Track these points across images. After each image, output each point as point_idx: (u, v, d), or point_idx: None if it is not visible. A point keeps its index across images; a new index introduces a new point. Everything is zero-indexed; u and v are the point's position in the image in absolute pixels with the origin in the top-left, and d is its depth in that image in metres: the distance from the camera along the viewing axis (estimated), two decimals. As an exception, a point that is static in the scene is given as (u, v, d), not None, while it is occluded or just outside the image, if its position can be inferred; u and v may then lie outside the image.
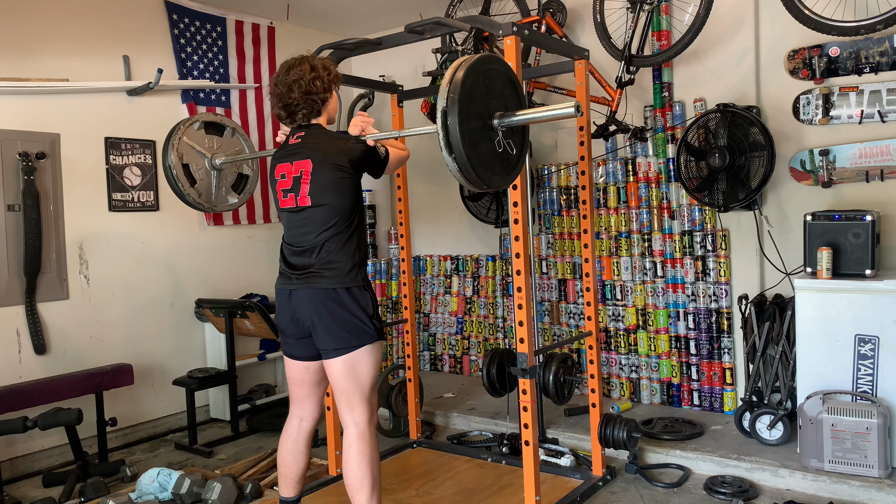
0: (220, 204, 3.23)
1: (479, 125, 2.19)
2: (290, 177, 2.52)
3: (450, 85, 2.10)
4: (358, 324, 2.46)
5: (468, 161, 2.10)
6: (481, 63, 2.21)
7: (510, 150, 2.32)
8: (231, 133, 3.28)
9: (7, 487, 3.63)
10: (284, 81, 2.53)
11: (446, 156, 2.10)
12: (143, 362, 4.41)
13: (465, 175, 2.14)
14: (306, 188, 2.47)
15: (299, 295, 2.49)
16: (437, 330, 5.43)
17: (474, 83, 2.16)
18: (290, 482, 2.72)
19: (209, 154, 3.17)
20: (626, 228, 4.36)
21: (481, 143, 2.19)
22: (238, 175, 3.31)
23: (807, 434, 3.23)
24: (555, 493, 3.17)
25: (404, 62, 5.31)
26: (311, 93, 2.52)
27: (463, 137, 2.08)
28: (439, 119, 2.08)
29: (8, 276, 3.85)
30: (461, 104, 2.08)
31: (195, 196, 3.10)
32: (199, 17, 4.79)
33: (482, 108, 2.21)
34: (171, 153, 3.04)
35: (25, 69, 3.94)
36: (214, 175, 3.18)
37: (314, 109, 2.56)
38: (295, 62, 2.55)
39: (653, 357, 4.29)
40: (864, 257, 3.29)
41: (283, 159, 2.56)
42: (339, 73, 2.65)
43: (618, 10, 4.09)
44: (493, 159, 2.25)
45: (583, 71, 3.31)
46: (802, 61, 3.79)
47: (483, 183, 2.19)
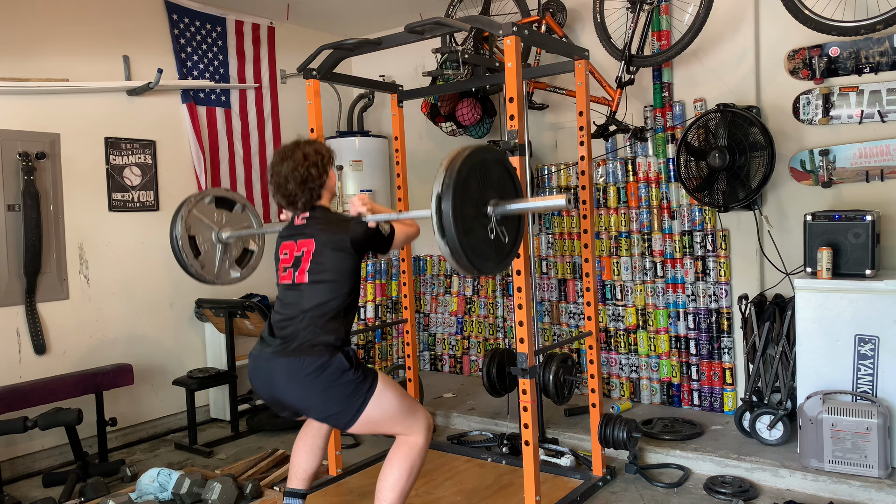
0: (223, 277, 3.24)
1: (473, 212, 2.23)
2: (291, 254, 2.55)
3: (446, 171, 2.15)
4: (348, 388, 2.37)
5: (460, 246, 2.14)
6: (478, 153, 2.26)
7: (503, 238, 2.36)
8: (241, 209, 3.31)
9: (7, 487, 3.63)
10: (280, 172, 2.54)
11: (439, 239, 2.14)
12: (143, 362, 4.41)
13: (457, 259, 2.17)
14: (306, 266, 2.49)
15: (277, 365, 2.39)
16: (437, 330, 5.43)
17: (470, 172, 2.21)
18: (301, 476, 2.73)
19: (216, 227, 3.20)
20: (626, 228, 4.36)
21: (475, 230, 2.24)
22: (243, 250, 3.33)
23: (807, 434, 3.23)
24: (555, 493, 3.17)
25: (404, 62, 5.31)
26: (308, 181, 2.53)
27: (456, 223, 2.12)
28: (434, 203, 2.13)
29: (8, 276, 3.85)
30: (456, 190, 2.13)
31: (198, 268, 3.11)
32: (199, 17, 4.79)
33: (477, 195, 2.26)
34: (178, 224, 3.06)
35: (25, 69, 3.94)
36: (220, 249, 3.20)
37: (313, 195, 2.57)
38: (287, 152, 2.55)
39: (653, 357, 4.29)
40: (864, 257, 3.29)
41: (288, 238, 2.60)
42: (332, 151, 2.66)
43: (618, 10, 4.09)
44: (485, 246, 2.29)
45: (583, 71, 3.31)
46: (802, 61, 3.79)
47: (474, 268, 2.22)
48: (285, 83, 5.34)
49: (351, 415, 2.39)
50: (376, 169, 5.32)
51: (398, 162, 3.95)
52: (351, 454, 3.87)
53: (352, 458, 3.75)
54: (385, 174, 5.38)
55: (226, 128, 4.94)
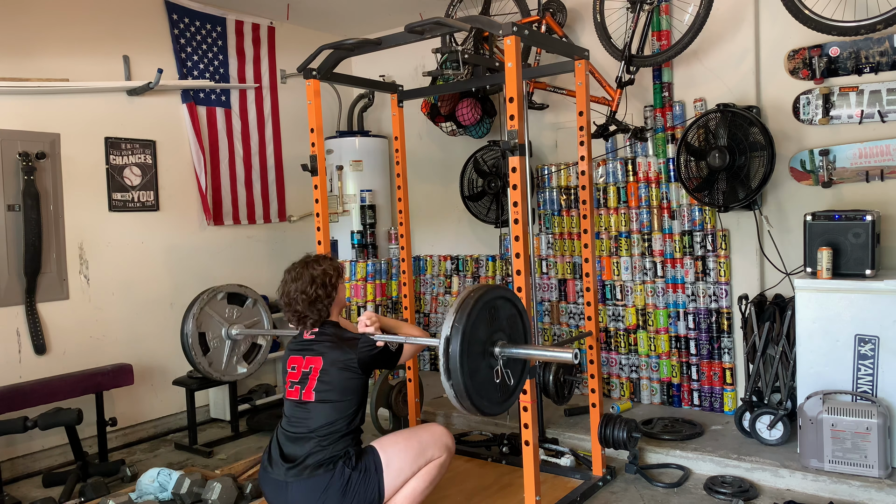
0: (229, 374, 3.30)
1: (479, 352, 2.25)
2: (299, 370, 2.58)
3: (457, 313, 2.18)
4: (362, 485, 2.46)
5: (465, 389, 2.17)
6: (491, 292, 2.29)
7: (508, 381, 2.37)
8: (252, 304, 3.34)
9: (7, 487, 3.63)
10: (289, 293, 2.61)
11: (444, 381, 2.17)
12: (143, 362, 4.41)
13: (461, 402, 2.21)
14: (313, 384, 2.53)
15: (292, 493, 2.46)
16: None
17: (481, 312, 2.23)
18: None
19: (227, 324, 3.22)
20: (626, 228, 4.36)
21: (480, 371, 2.26)
22: (252, 345, 3.36)
23: (807, 434, 3.23)
24: (555, 493, 3.17)
25: (404, 62, 5.31)
26: (316, 301, 2.60)
27: (462, 366, 2.15)
28: (442, 345, 2.15)
29: (8, 276, 3.85)
30: (465, 334, 2.15)
31: (205, 365, 3.17)
32: (199, 17, 4.79)
33: (486, 336, 2.28)
34: (189, 321, 3.09)
35: (25, 69, 3.94)
36: (228, 344, 3.23)
37: (322, 314, 2.63)
38: (296, 273, 2.63)
39: (653, 357, 4.29)
40: (864, 257, 3.29)
41: (297, 353, 2.63)
42: (341, 268, 2.73)
43: (618, 10, 4.09)
44: (490, 387, 2.31)
45: (583, 71, 3.31)
46: (802, 61, 3.79)
47: (478, 410, 2.25)
48: (285, 83, 5.34)
49: (377, 497, 2.48)
50: (376, 169, 5.32)
51: (398, 162, 3.95)
52: (351, 454, 3.86)
53: (352, 458, 3.75)
54: (385, 174, 5.38)
55: (226, 128, 4.94)
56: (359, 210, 5.22)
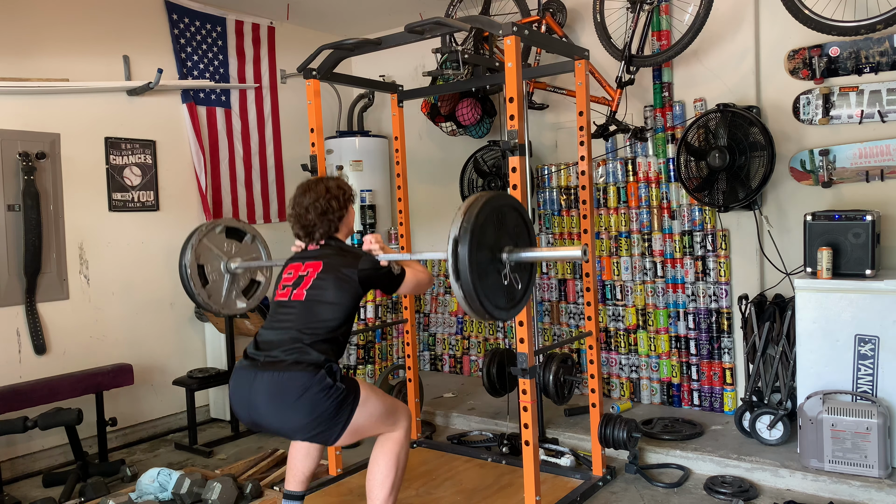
0: (229, 307, 3.23)
1: (488, 257, 2.26)
2: (296, 273, 2.54)
3: (465, 215, 2.17)
4: (332, 405, 2.30)
5: (474, 290, 2.16)
6: (496, 200, 2.29)
7: (516, 285, 2.37)
8: (251, 239, 3.31)
9: (7, 487, 3.63)
10: (301, 203, 2.58)
11: (453, 282, 2.16)
12: (143, 362, 4.41)
13: (470, 302, 2.19)
14: (307, 284, 2.47)
15: (259, 383, 2.31)
16: (437, 330, 5.43)
17: (487, 218, 2.23)
18: (297, 477, 2.73)
19: (226, 257, 3.20)
20: (626, 228, 4.36)
21: (489, 275, 2.26)
22: (251, 280, 3.33)
23: (807, 434, 3.23)
24: (555, 493, 3.17)
25: (404, 62, 5.31)
26: (328, 212, 2.57)
27: (471, 267, 2.14)
28: (450, 247, 2.14)
29: (8, 276, 3.85)
30: (473, 234, 2.15)
31: (205, 297, 3.11)
32: (199, 17, 4.79)
33: (493, 241, 2.28)
34: (188, 253, 3.05)
35: (25, 69, 3.94)
36: (227, 278, 3.20)
37: (332, 227, 2.60)
38: (311, 184, 2.61)
39: (653, 357, 4.29)
40: (864, 257, 3.29)
41: (297, 260, 2.61)
42: (353, 190, 2.70)
43: (618, 10, 4.09)
44: (498, 291, 2.30)
45: (583, 71, 3.31)
46: (802, 61, 3.79)
47: (486, 312, 2.24)
48: (285, 83, 5.34)
49: (337, 430, 2.35)
50: (376, 169, 5.32)
51: (398, 162, 3.95)
52: (351, 454, 3.86)
53: (352, 458, 3.75)
54: (385, 174, 5.38)
55: (226, 128, 4.94)
56: (359, 210, 5.22)
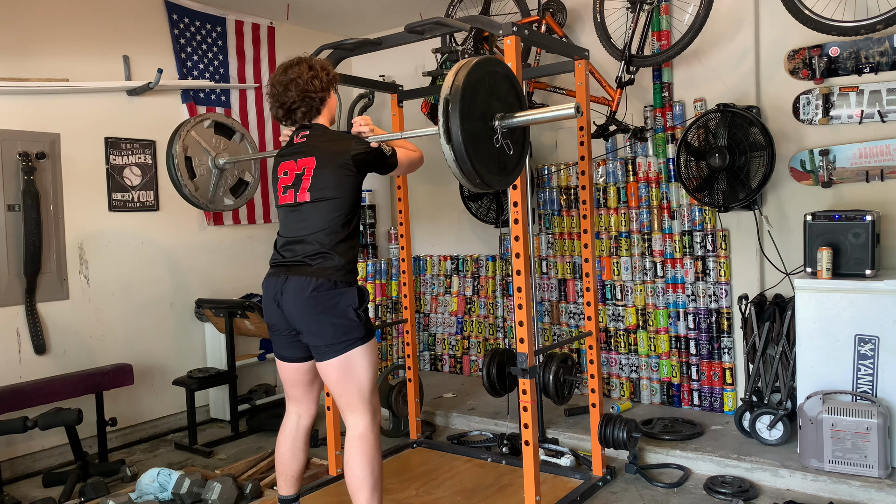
0: (217, 203, 3.21)
1: (480, 122, 2.20)
2: (292, 173, 2.52)
3: (454, 77, 2.12)
4: (347, 322, 2.43)
5: (466, 153, 2.10)
6: (486, 64, 2.23)
7: (508, 151, 2.33)
8: (239, 138, 3.28)
9: (7, 487, 3.63)
10: (281, 81, 2.52)
11: (444, 144, 2.10)
12: (143, 362, 4.41)
13: (462, 167, 2.14)
14: (307, 184, 2.47)
15: (287, 284, 2.44)
16: (437, 330, 5.43)
17: (478, 81, 2.18)
18: (288, 480, 2.72)
19: (214, 153, 3.17)
20: (626, 228, 4.36)
21: (481, 140, 2.20)
22: (239, 180, 3.31)
23: (807, 434, 3.23)
24: (555, 493, 3.17)
25: (404, 62, 5.31)
26: (309, 91, 2.51)
27: (463, 129, 2.09)
28: (441, 107, 2.09)
29: (8, 276, 3.85)
30: (464, 97, 2.10)
31: (192, 189, 3.07)
32: (199, 17, 4.79)
33: (484, 106, 2.22)
34: (176, 143, 3.02)
35: (25, 69, 3.94)
36: (215, 174, 3.17)
37: (312, 108, 2.55)
38: (292, 62, 2.55)
39: (653, 357, 4.29)
40: (864, 257, 3.29)
41: (287, 157, 2.56)
42: (336, 74, 2.64)
43: (618, 10, 4.09)
44: (491, 158, 2.26)
45: (583, 71, 3.31)
46: (802, 61, 3.79)
47: (479, 178, 2.19)
48: (285, 83, 5.33)
49: (336, 349, 2.42)
50: (376, 169, 5.31)
51: (398, 162, 3.94)
52: (351, 454, 3.86)
53: (352, 458, 3.75)
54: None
55: (226, 128, 4.94)
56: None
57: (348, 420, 2.53)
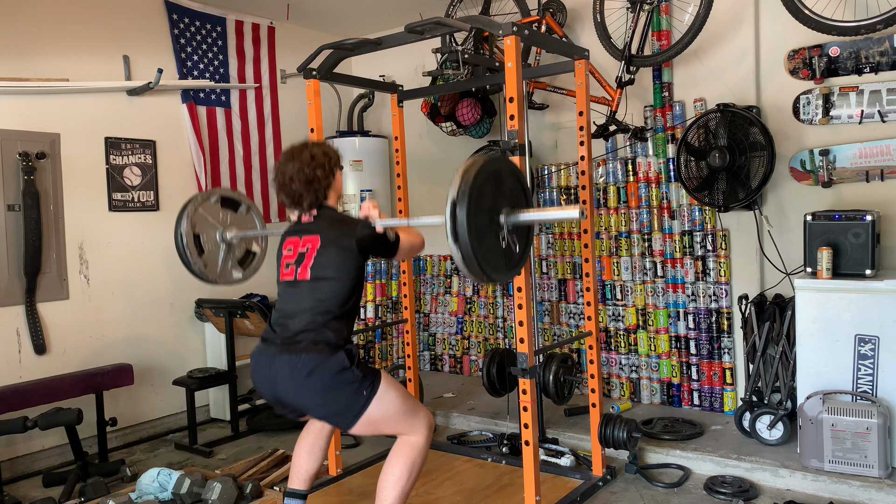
0: (225, 277, 3.23)
1: (486, 219, 2.25)
2: (296, 251, 2.54)
3: (462, 178, 2.17)
4: (347, 387, 2.35)
5: (472, 252, 2.15)
6: (493, 164, 2.28)
7: (514, 247, 2.38)
8: (245, 209, 3.30)
9: (7, 487, 3.63)
10: (284, 172, 2.53)
11: (451, 244, 2.15)
12: (143, 362, 4.41)
13: (468, 265, 2.18)
14: (309, 262, 2.48)
15: (279, 364, 2.38)
16: (437, 330, 5.43)
17: (485, 180, 2.22)
18: (302, 476, 2.72)
19: (221, 227, 3.19)
20: (626, 228, 4.36)
21: (487, 237, 2.25)
22: (246, 251, 3.33)
23: (807, 434, 3.23)
24: (555, 493, 3.17)
25: (404, 62, 5.31)
26: (314, 181, 2.52)
27: (470, 229, 2.13)
28: (448, 209, 2.14)
29: (8, 276, 3.85)
30: (471, 197, 2.14)
31: (201, 266, 3.10)
32: (199, 17, 4.79)
33: (491, 203, 2.27)
34: (184, 221, 3.05)
35: (25, 69, 3.94)
36: (223, 248, 3.19)
37: (318, 197, 2.56)
38: (295, 152, 2.55)
39: (653, 357, 4.29)
40: (864, 257, 3.29)
41: (293, 234, 2.59)
42: (339, 154, 2.66)
43: (618, 10, 4.09)
44: (496, 254, 2.30)
45: (583, 71, 3.31)
46: (802, 61, 3.79)
47: (484, 274, 2.23)
48: (285, 83, 5.34)
49: (352, 415, 2.38)
50: (376, 169, 5.32)
51: (398, 162, 3.95)
52: (351, 454, 3.87)
53: (352, 458, 3.75)
54: (385, 174, 5.38)
55: (226, 128, 4.94)
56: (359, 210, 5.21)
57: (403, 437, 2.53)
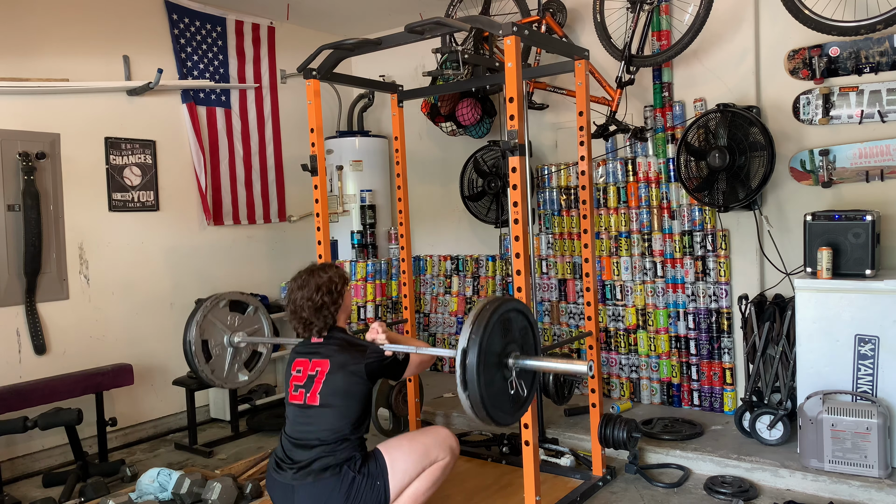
0: (231, 380, 3.29)
1: (495, 365, 2.28)
2: (305, 373, 2.58)
3: (473, 326, 2.19)
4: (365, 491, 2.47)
5: (481, 400, 2.18)
6: (505, 305, 2.31)
7: (521, 391, 2.40)
8: (253, 311, 3.34)
9: (7, 487, 3.63)
10: (295, 300, 2.61)
11: (461, 392, 2.18)
12: (143, 362, 4.41)
13: (476, 412, 2.21)
14: (318, 387, 2.53)
15: (302, 493, 2.47)
16: (437, 330, 5.43)
17: (496, 324, 2.25)
18: None
19: (229, 331, 3.23)
20: (626, 228, 4.36)
21: (495, 382, 2.28)
22: (252, 352, 3.37)
23: (807, 434, 3.23)
24: (555, 493, 3.17)
25: (404, 62, 5.31)
26: (322, 308, 2.60)
27: (479, 378, 2.16)
28: (459, 357, 2.17)
29: (8, 276, 3.85)
30: (481, 346, 2.17)
31: (208, 373, 3.16)
32: (199, 17, 4.79)
33: (500, 349, 2.30)
34: (192, 329, 3.08)
35: (25, 69, 3.94)
36: (230, 352, 3.23)
37: (328, 321, 2.63)
38: (303, 281, 2.63)
39: (653, 357, 4.29)
40: (864, 257, 3.29)
41: (303, 355, 2.63)
42: (346, 276, 2.73)
43: (618, 10, 4.09)
44: (503, 398, 2.32)
45: (583, 71, 3.31)
46: (802, 61, 3.79)
47: (492, 420, 2.26)
48: (285, 83, 5.34)
49: (383, 500, 2.49)
50: (376, 169, 5.32)
51: (398, 162, 3.95)
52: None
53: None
54: (385, 174, 5.38)
55: (226, 128, 4.94)
56: (359, 210, 5.22)
57: None
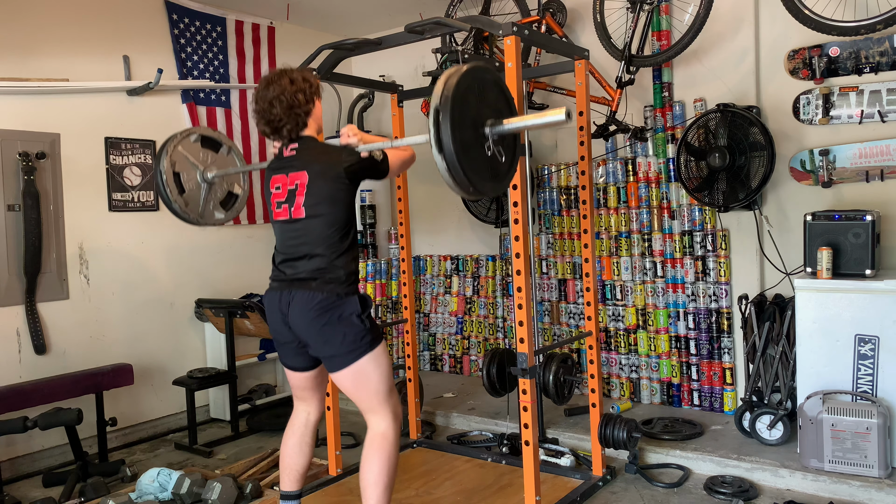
0: (207, 217, 3.17)
1: (471, 129, 2.19)
2: (284, 188, 2.51)
3: (444, 85, 2.11)
4: (353, 330, 2.43)
5: (458, 162, 2.09)
6: (475, 71, 2.22)
7: (500, 158, 2.32)
8: (227, 151, 3.25)
9: (7, 487, 3.63)
10: (264, 97, 2.49)
11: (436, 153, 2.09)
12: (143, 362, 4.41)
13: (454, 176, 2.13)
14: (301, 199, 2.46)
15: (293, 298, 2.45)
16: (437, 330, 5.43)
17: (468, 88, 2.17)
18: (293, 475, 2.71)
19: (202, 167, 3.15)
20: (626, 228, 4.36)
21: (472, 148, 2.19)
22: (228, 193, 3.29)
23: (807, 434, 3.23)
24: (555, 493, 3.17)
25: (404, 62, 5.31)
26: (294, 107, 2.48)
27: (454, 137, 2.07)
28: (431, 117, 2.08)
29: (8, 276, 3.85)
30: (454, 105, 2.09)
31: (182, 205, 3.05)
32: (199, 17, 4.79)
33: (475, 113, 2.21)
34: (163, 159, 3.01)
35: (25, 69, 3.94)
36: (204, 188, 3.14)
37: (299, 123, 2.52)
38: (274, 77, 2.51)
39: (653, 357, 4.29)
40: (864, 257, 3.29)
41: (279, 171, 2.55)
42: (319, 82, 2.62)
43: (618, 10, 4.09)
44: (483, 165, 2.24)
45: (583, 71, 3.31)
46: (802, 61, 3.79)
47: (472, 186, 2.18)
48: (285, 83, 5.33)
49: (348, 359, 2.43)
50: (376, 169, 5.31)
51: (398, 162, 3.94)
52: (351, 454, 3.86)
53: (352, 458, 3.75)
54: (385, 174, 5.37)
55: (226, 128, 4.94)
56: (359, 210, 5.22)
57: (370, 420, 2.55)
